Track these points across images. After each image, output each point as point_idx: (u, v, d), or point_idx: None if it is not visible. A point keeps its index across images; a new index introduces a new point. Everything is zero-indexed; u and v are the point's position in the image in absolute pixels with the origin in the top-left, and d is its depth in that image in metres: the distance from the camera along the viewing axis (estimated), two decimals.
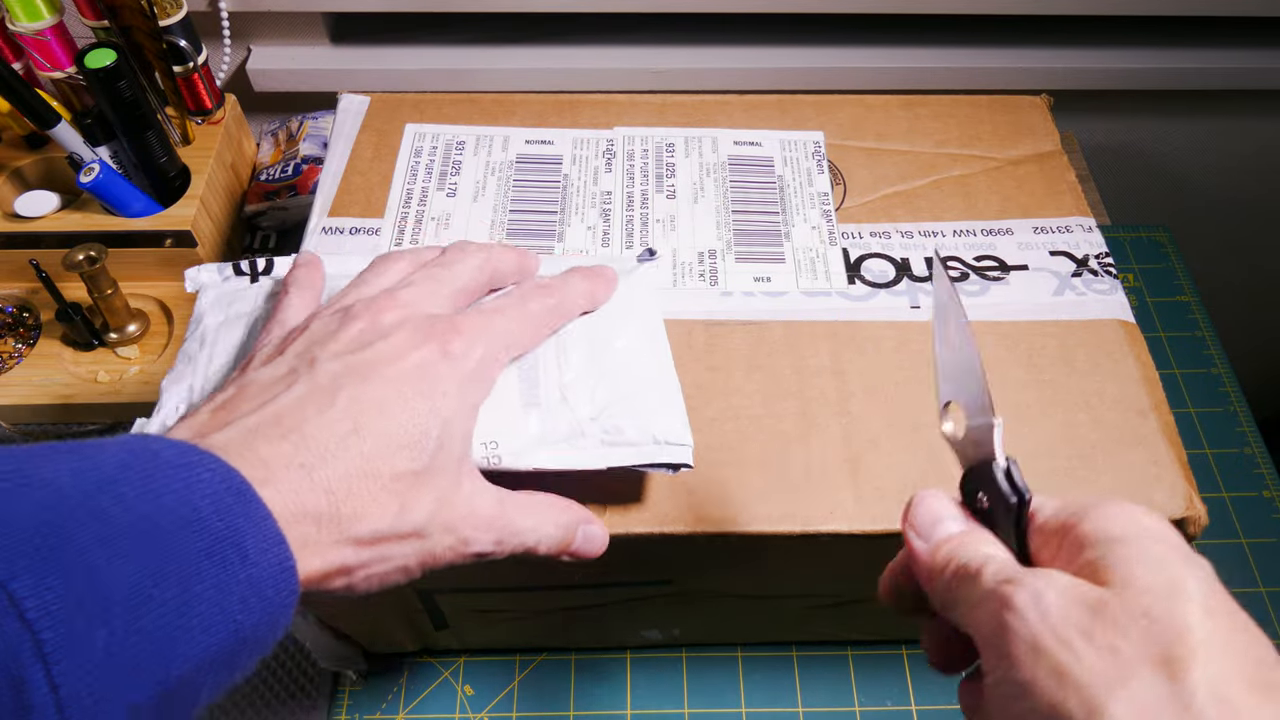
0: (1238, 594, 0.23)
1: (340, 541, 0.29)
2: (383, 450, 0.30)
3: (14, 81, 0.54)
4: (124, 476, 0.24)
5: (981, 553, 0.27)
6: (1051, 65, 0.77)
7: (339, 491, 0.28)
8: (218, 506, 0.25)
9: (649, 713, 0.52)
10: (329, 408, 0.30)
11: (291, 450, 0.28)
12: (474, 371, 0.33)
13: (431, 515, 0.31)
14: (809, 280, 0.47)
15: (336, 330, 0.33)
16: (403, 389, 0.31)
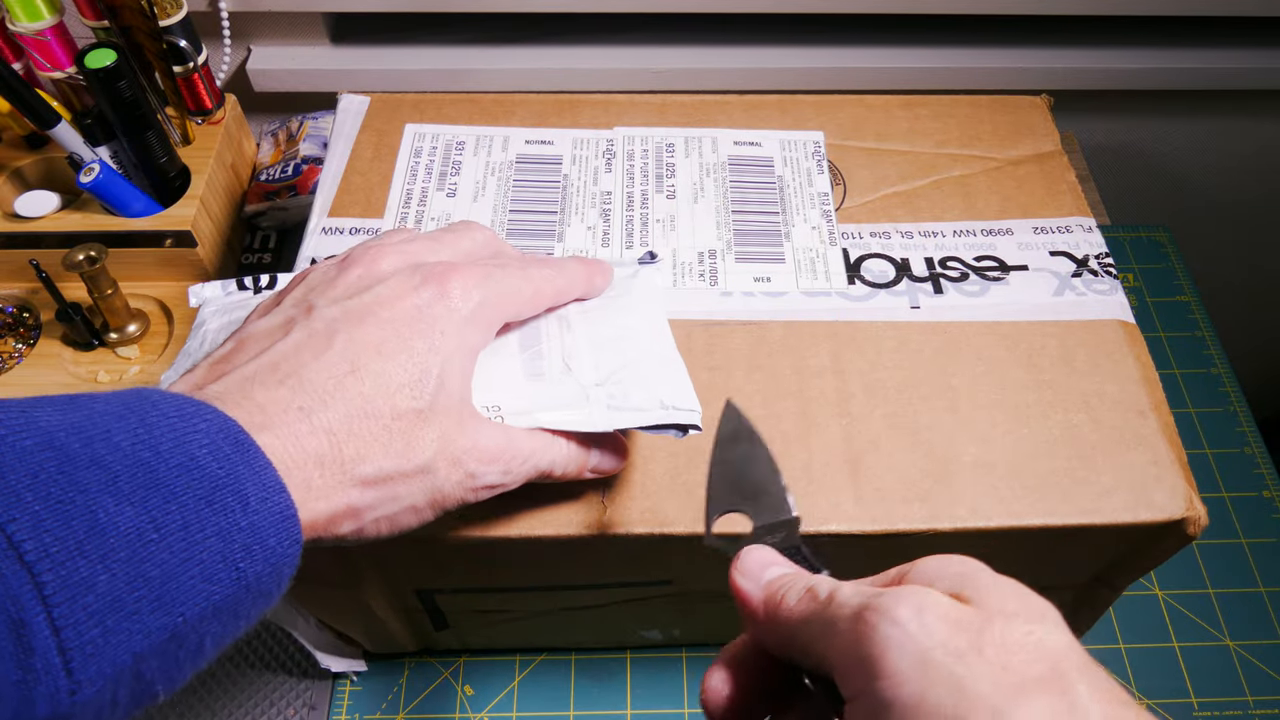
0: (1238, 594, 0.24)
1: (345, 483, 0.28)
2: (382, 389, 0.29)
3: (14, 81, 0.54)
4: (120, 425, 0.24)
5: (825, 580, 0.27)
6: (1051, 65, 0.77)
7: (340, 432, 0.28)
8: (216, 454, 0.25)
9: (649, 713, 0.52)
10: (326, 350, 0.30)
11: (289, 394, 0.28)
12: (473, 314, 0.33)
13: (437, 451, 0.31)
14: (809, 280, 0.47)
15: (335, 277, 0.33)
16: (400, 330, 0.31)
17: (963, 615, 0.23)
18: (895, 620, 0.23)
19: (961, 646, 0.22)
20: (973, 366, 0.44)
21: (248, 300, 0.42)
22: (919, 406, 0.42)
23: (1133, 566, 0.44)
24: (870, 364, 0.44)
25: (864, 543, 0.40)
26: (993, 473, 0.40)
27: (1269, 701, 0.52)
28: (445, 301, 0.32)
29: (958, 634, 0.23)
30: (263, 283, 0.43)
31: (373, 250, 0.34)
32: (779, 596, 0.27)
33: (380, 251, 0.34)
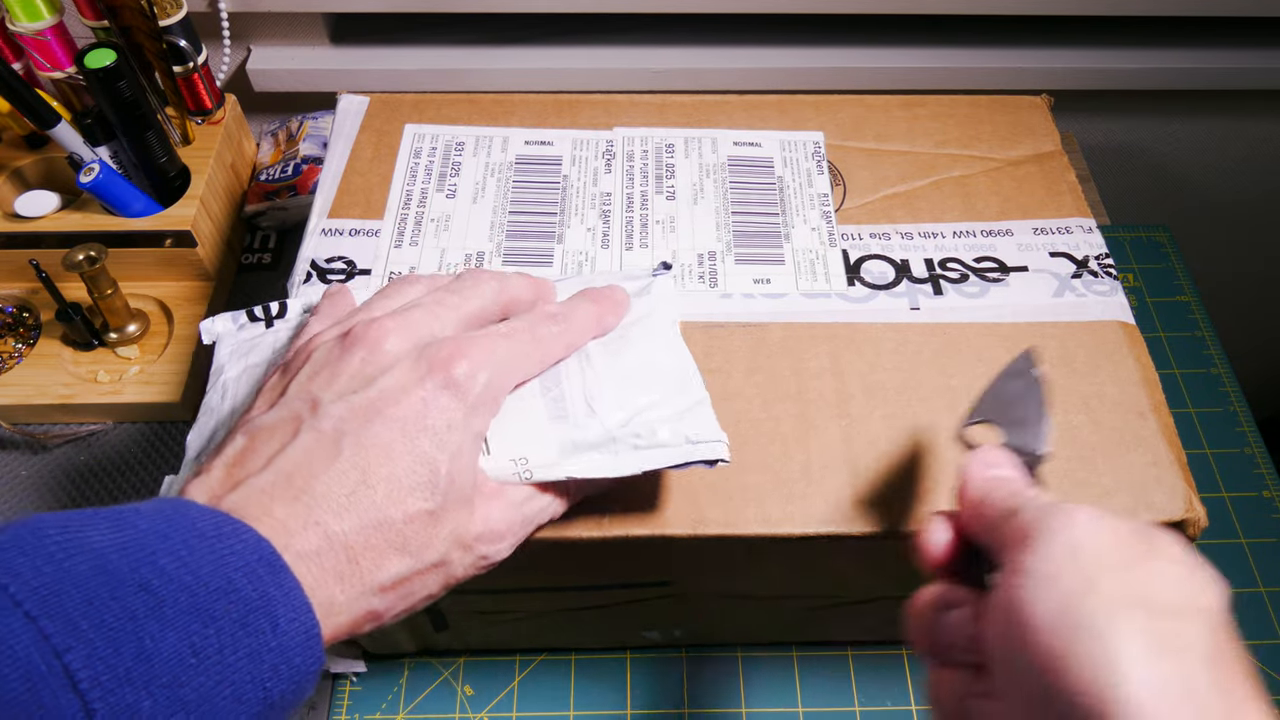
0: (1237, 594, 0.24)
1: (364, 593, 0.29)
2: (394, 496, 0.30)
3: (14, 81, 0.54)
4: (164, 547, 0.25)
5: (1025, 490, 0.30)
6: (1051, 65, 0.77)
7: (357, 545, 0.29)
8: (250, 576, 0.26)
9: (649, 713, 0.52)
10: (335, 459, 0.30)
11: (305, 510, 0.29)
12: (480, 398, 0.33)
13: (450, 545, 0.31)
14: (809, 282, 0.47)
15: (337, 361, 0.33)
16: (407, 429, 0.31)
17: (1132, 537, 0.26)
18: (1069, 515, 0.27)
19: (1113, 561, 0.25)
20: (972, 368, 0.44)
21: (261, 337, 0.42)
22: (919, 408, 0.42)
23: None
24: (870, 365, 0.44)
25: (864, 544, 0.40)
26: None
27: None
28: (451, 391, 0.32)
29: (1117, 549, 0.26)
30: (274, 311, 0.43)
31: (375, 328, 0.33)
32: (991, 486, 0.31)
33: (384, 330, 0.33)
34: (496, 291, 0.37)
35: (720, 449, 0.36)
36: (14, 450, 0.60)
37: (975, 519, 0.31)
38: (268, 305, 0.43)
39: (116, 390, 0.60)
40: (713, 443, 0.36)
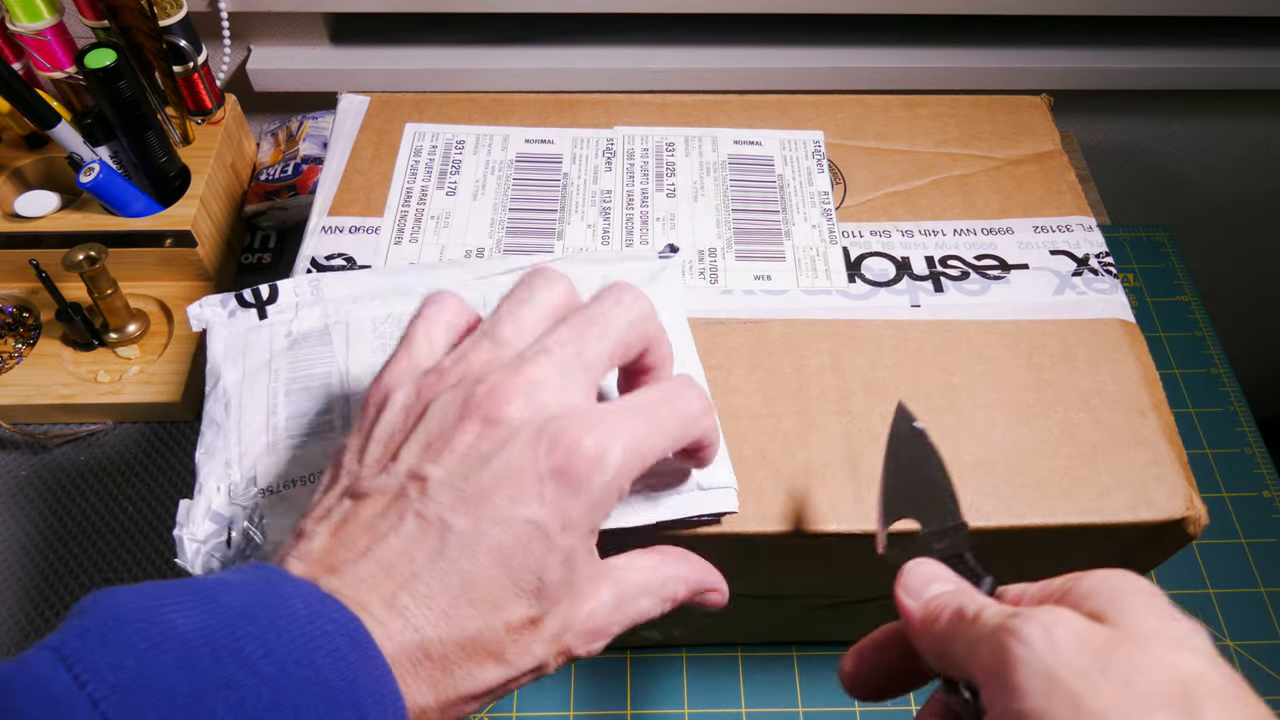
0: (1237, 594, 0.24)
1: (454, 703, 0.28)
2: (498, 604, 0.28)
3: (14, 81, 0.54)
4: (250, 632, 0.24)
5: (978, 600, 0.28)
6: (1051, 65, 0.77)
7: (453, 656, 0.27)
8: (339, 663, 0.25)
9: (649, 713, 0.52)
10: (439, 557, 0.27)
11: (403, 615, 0.27)
12: (604, 491, 0.29)
13: (548, 650, 0.29)
14: (809, 279, 0.47)
15: (451, 431, 0.29)
16: (517, 529, 0.28)
17: (1094, 635, 0.24)
18: (1024, 639, 0.24)
19: (1085, 665, 0.23)
20: (973, 365, 0.44)
21: (255, 330, 0.41)
22: (919, 405, 0.42)
23: (1133, 566, 0.44)
24: (870, 362, 0.44)
25: (864, 543, 0.40)
26: (993, 472, 0.40)
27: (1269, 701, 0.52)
28: (571, 487, 0.28)
29: (1084, 653, 0.24)
30: (264, 296, 0.42)
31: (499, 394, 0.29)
32: (935, 614, 0.29)
33: (504, 397, 0.29)
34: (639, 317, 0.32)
35: (730, 499, 0.37)
36: (14, 450, 0.60)
37: (930, 649, 0.29)
38: (257, 289, 0.42)
39: (116, 390, 0.60)
40: (723, 490, 0.37)
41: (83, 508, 0.58)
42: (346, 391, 0.39)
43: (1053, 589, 0.28)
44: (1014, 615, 0.25)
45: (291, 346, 0.41)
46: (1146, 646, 0.24)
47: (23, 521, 0.57)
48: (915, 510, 0.32)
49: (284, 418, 0.39)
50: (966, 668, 0.26)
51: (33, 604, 0.54)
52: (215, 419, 0.39)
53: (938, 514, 0.32)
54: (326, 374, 0.40)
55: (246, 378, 0.40)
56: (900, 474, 0.33)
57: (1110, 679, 0.23)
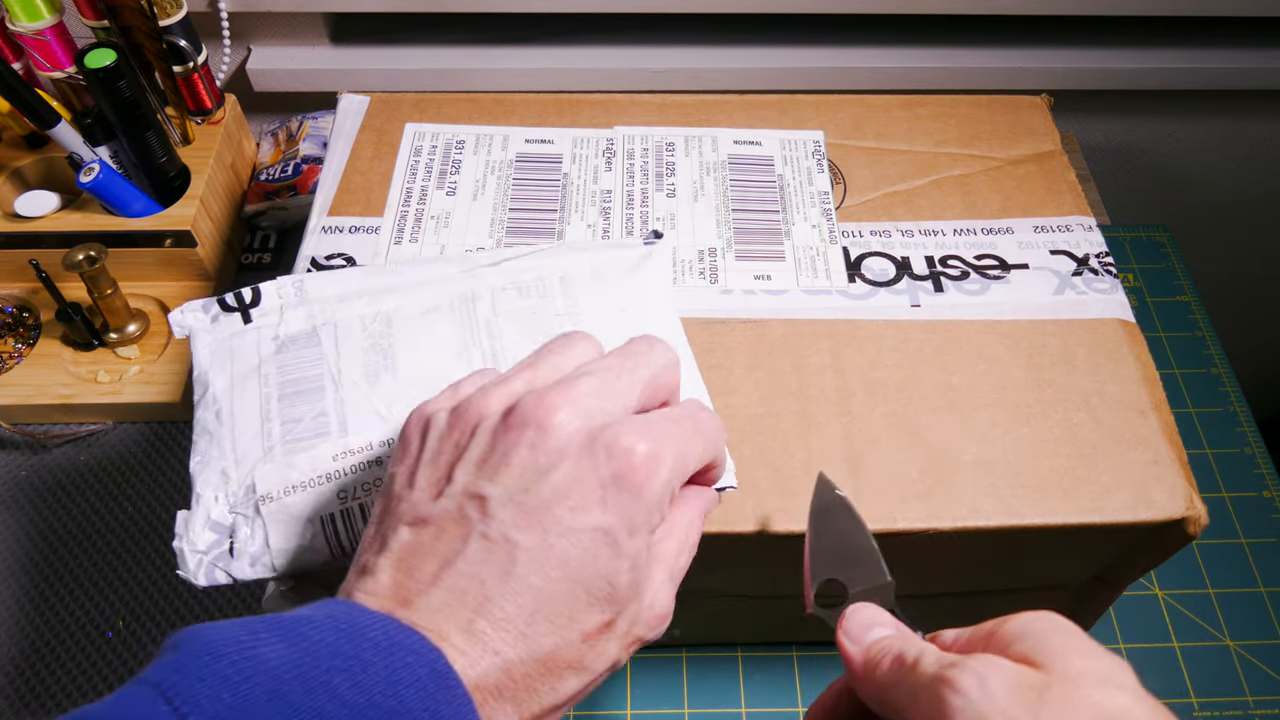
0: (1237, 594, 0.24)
1: (538, 714, 0.28)
2: (573, 616, 0.28)
3: (14, 81, 0.54)
4: (336, 665, 0.24)
5: (917, 645, 0.29)
6: (1051, 65, 0.77)
7: (534, 673, 0.27)
8: (421, 695, 0.25)
9: (649, 713, 0.52)
10: (509, 576, 0.27)
11: (481, 640, 0.27)
12: (660, 493, 0.29)
13: (622, 648, 0.30)
14: (809, 278, 0.47)
15: (506, 448, 0.29)
16: (584, 539, 0.28)
17: (1025, 680, 0.25)
18: (959, 690, 0.25)
19: (1018, 712, 0.24)
20: (973, 365, 0.44)
21: (240, 335, 0.41)
22: (919, 405, 0.42)
23: (1133, 566, 0.44)
24: (870, 362, 0.44)
25: None
26: (993, 472, 0.40)
27: (1269, 701, 0.52)
28: (631, 491, 0.29)
29: (1016, 700, 0.24)
30: (247, 299, 0.42)
31: (544, 406, 0.29)
32: (875, 660, 0.29)
33: (552, 407, 0.29)
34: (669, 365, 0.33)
35: (728, 477, 0.37)
36: (14, 450, 0.60)
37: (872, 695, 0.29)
38: (239, 293, 0.42)
39: (116, 390, 0.60)
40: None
41: (83, 508, 0.58)
42: (340, 392, 0.39)
43: (982, 631, 0.29)
44: (950, 665, 0.26)
45: (280, 350, 0.41)
46: (1075, 688, 0.25)
47: (23, 521, 0.57)
48: (842, 571, 0.34)
49: (279, 423, 0.39)
50: (906, 715, 0.27)
51: (32, 604, 0.54)
52: (208, 428, 0.39)
53: (865, 574, 0.33)
54: (318, 376, 0.40)
55: (236, 384, 0.40)
56: (826, 539, 0.35)
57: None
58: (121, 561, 0.56)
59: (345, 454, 0.38)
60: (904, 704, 0.27)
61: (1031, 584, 0.46)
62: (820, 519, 0.35)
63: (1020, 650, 0.27)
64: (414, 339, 0.41)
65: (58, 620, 0.54)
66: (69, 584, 0.55)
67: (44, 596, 0.54)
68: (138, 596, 0.55)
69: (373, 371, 0.40)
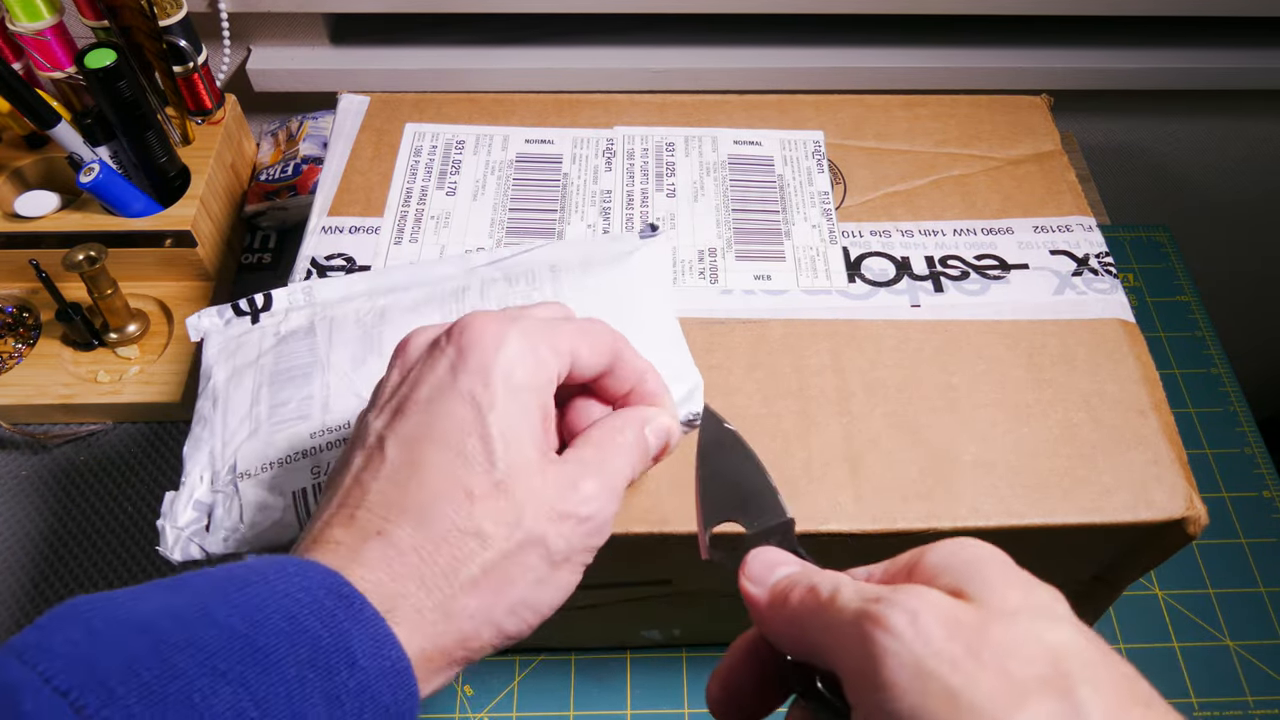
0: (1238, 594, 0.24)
1: (454, 594, 0.27)
2: (449, 478, 0.27)
3: (14, 81, 0.54)
4: (218, 598, 0.24)
5: (832, 577, 0.26)
6: (1051, 65, 0.77)
7: (425, 546, 0.27)
8: (319, 613, 0.24)
9: (649, 713, 0.52)
10: (382, 464, 0.28)
11: (363, 525, 0.27)
12: (516, 353, 0.29)
13: (536, 519, 0.28)
14: (809, 278, 0.47)
15: (381, 385, 0.31)
16: (442, 406, 0.28)
17: (961, 616, 0.22)
18: (890, 629, 0.22)
19: (958, 653, 0.21)
20: (973, 365, 0.44)
21: (247, 334, 0.42)
22: (919, 405, 0.42)
23: (1133, 566, 0.44)
24: (870, 362, 0.44)
25: (864, 542, 0.40)
26: (993, 472, 0.40)
27: (1269, 701, 0.52)
28: (476, 349, 0.29)
29: (954, 639, 0.22)
30: (259, 304, 0.43)
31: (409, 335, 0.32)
32: (783, 593, 0.26)
33: (413, 333, 0.32)
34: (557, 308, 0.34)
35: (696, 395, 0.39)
36: (14, 450, 0.60)
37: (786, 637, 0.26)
38: (253, 298, 0.43)
39: (116, 390, 0.60)
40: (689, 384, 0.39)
41: (83, 508, 0.58)
42: (327, 376, 0.40)
43: (900, 563, 0.26)
44: (875, 599, 0.23)
45: (279, 343, 0.42)
46: (1015, 622, 0.22)
47: (23, 521, 0.57)
48: (738, 511, 0.31)
49: (266, 406, 0.40)
50: (826, 656, 0.24)
51: (32, 604, 0.54)
52: (203, 414, 0.40)
53: (761, 513, 0.31)
54: (309, 364, 0.41)
55: (235, 374, 0.41)
56: (716, 478, 0.32)
57: (983, 665, 0.21)
58: (121, 561, 0.56)
59: (323, 432, 0.39)
60: (822, 643, 0.24)
61: None
62: (709, 456, 0.32)
63: (949, 582, 0.24)
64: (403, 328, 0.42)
65: None
66: (69, 584, 0.55)
67: (44, 596, 0.54)
68: None
69: (360, 358, 0.41)
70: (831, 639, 0.24)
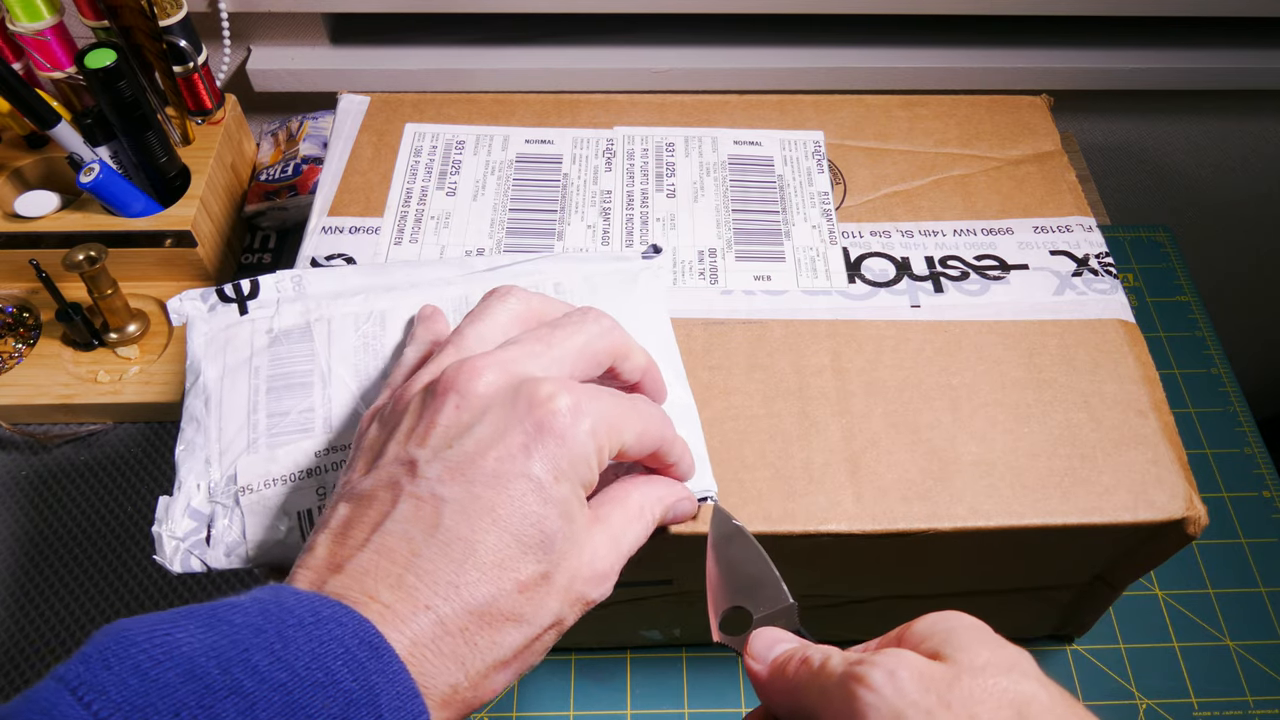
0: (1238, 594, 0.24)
1: (485, 673, 0.28)
2: (505, 565, 0.28)
3: (14, 81, 0.54)
4: (258, 643, 0.24)
5: (823, 649, 0.29)
6: (1051, 65, 0.77)
7: (471, 626, 0.27)
8: (351, 665, 0.25)
9: (649, 713, 0.52)
10: (436, 529, 0.28)
11: (412, 594, 0.27)
12: (585, 442, 0.30)
13: (563, 602, 0.30)
14: (809, 279, 0.47)
15: (431, 413, 0.30)
16: (510, 486, 0.28)
17: (934, 672, 0.25)
18: (871, 685, 0.25)
19: (931, 703, 0.25)
20: (973, 365, 0.44)
21: (236, 326, 0.41)
22: (919, 405, 0.42)
23: (1133, 566, 0.44)
24: (870, 363, 0.44)
25: (864, 543, 0.40)
26: (993, 472, 0.40)
27: (1269, 701, 0.52)
28: (554, 436, 0.29)
29: (928, 692, 0.25)
30: (245, 291, 0.42)
31: (466, 369, 0.30)
32: (782, 665, 0.30)
33: (475, 370, 0.30)
34: (603, 332, 0.34)
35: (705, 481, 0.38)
36: (14, 450, 0.60)
37: (785, 706, 0.29)
38: (238, 284, 0.42)
39: (116, 390, 0.60)
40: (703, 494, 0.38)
41: (83, 508, 0.58)
42: (328, 390, 0.40)
43: (890, 637, 0.30)
44: (859, 662, 0.26)
45: (272, 344, 0.41)
46: (983, 675, 0.25)
47: (23, 521, 0.57)
48: (746, 598, 0.34)
49: (265, 415, 0.39)
50: (819, 716, 0.27)
51: (32, 604, 0.54)
52: (195, 415, 0.39)
53: (768, 599, 0.34)
54: (308, 372, 0.40)
55: (227, 374, 0.40)
56: (727, 568, 0.35)
57: (954, 714, 0.24)
58: (121, 561, 0.56)
59: (327, 451, 0.38)
60: (815, 705, 0.27)
61: (1031, 584, 0.46)
62: (720, 549, 0.36)
63: (929, 647, 0.27)
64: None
65: (57, 620, 0.54)
66: (69, 584, 0.55)
67: (44, 596, 0.55)
68: (137, 596, 0.55)
69: (362, 372, 0.40)
70: (823, 700, 0.27)
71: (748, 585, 0.34)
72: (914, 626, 0.29)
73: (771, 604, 0.34)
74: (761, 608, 0.34)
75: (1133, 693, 0.52)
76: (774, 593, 0.34)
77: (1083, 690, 0.52)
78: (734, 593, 0.35)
